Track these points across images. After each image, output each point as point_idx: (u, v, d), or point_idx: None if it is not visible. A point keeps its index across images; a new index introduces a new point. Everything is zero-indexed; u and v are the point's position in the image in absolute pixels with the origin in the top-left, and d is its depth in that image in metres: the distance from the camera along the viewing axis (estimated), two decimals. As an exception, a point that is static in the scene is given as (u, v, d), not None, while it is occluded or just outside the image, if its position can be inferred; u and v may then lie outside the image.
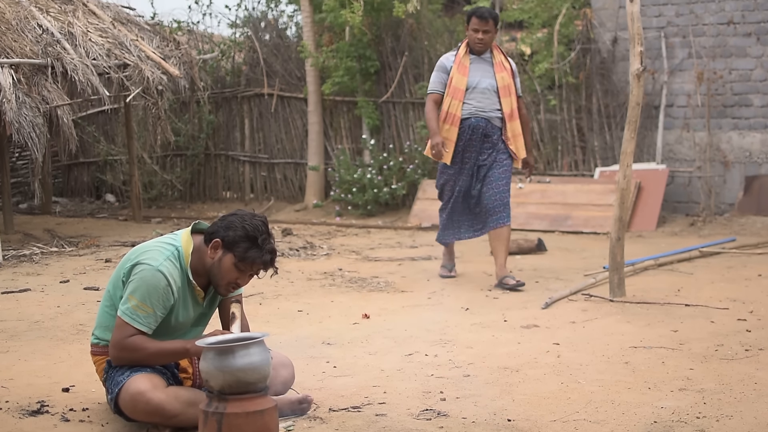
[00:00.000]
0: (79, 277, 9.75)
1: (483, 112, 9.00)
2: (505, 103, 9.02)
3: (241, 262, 4.77)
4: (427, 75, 15.20)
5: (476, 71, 9.03)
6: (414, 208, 14.29)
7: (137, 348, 4.75)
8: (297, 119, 16.29)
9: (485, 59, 9.10)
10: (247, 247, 4.76)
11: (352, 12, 14.25)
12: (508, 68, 9.11)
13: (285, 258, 10.81)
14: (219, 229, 4.82)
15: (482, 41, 8.98)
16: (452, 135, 9.00)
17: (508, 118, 9.02)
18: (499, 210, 8.94)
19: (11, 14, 11.95)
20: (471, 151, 9.06)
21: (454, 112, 8.98)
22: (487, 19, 8.95)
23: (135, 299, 4.72)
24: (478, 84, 8.99)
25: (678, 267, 9.86)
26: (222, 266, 4.80)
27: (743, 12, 13.29)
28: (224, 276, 4.81)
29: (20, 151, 16.53)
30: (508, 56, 9.31)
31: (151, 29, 13.78)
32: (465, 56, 9.07)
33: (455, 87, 9.00)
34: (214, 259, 4.82)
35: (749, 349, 6.35)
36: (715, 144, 13.51)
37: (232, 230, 4.77)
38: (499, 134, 9.04)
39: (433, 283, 9.24)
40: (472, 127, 8.99)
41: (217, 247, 4.80)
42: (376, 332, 7.09)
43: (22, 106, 11.06)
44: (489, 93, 9.01)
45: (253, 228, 4.77)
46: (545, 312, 7.76)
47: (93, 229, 13.53)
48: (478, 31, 8.97)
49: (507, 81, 9.04)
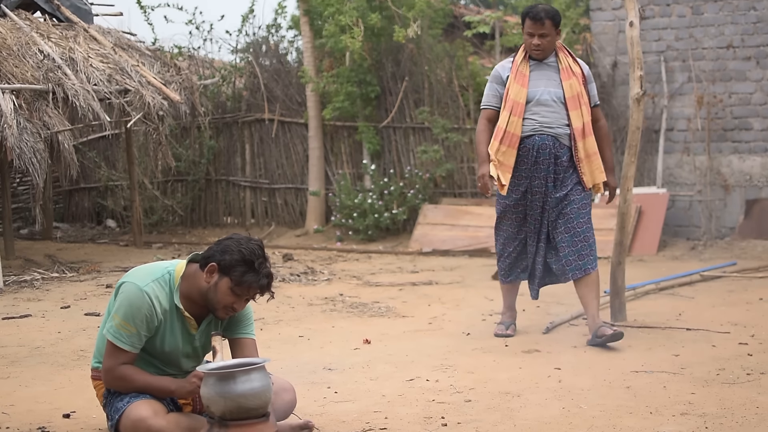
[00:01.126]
0: (80, 302, 9.74)
1: (549, 128, 7.42)
2: (575, 116, 7.43)
3: (237, 287, 4.73)
4: (428, 100, 15.27)
5: (538, 80, 7.49)
6: (415, 233, 14.28)
7: (124, 378, 4.75)
8: (298, 144, 16.30)
9: (549, 64, 7.55)
10: (244, 271, 4.72)
11: (352, 37, 14.29)
12: (579, 73, 7.52)
13: (286, 283, 10.81)
14: (215, 253, 4.79)
15: (539, 47, 7.44)
16: (509, 159, 7.44)
17: (579, 134, 7.43)
18: (584, 254, 7.42)
19: (12, 40, 11.97)
20: (538, 177, 7.46)
21: (512, 131, 7.42)
22: (543, 21, 7.40)
23: (118, 318, 4.72)
24: (542, 95, 7.44)
25: (679, 291, 9.85)
26: (218, 290, 4.76)
27: (742, 36, 13.33)
28: (220, 300, 4.78)
29: (21, 177, 16.53)
30: (577, 58, 7.68)
31: (152, 55, 13.80)
32: (524, 62, 7.55)
33: (513, 100, 7.45)
34: (210, 283, 4.78)
35: (751, 373, 6.34)
36: (715, 168, 13.52)
37: (228, 254, 4.74)
38: (569, 155, 7.46)
39: (433, 308, 9.23)
40: (537, 147, 7.41)
41: (213, 271, 4.77)
42: (377, 357, 7.08)
43: (23, 131, 11.07)
44: (555, 105, 7.45)
45: (250, 252, 4.74)
46: (546, 337, 7.75)
47: (94, 255, 13.52)
48: (533, 35, 7.43)
49: (577, 89, 7.45)
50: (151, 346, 4.82)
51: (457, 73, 15.36)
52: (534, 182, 7.45)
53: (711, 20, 13.49)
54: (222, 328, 4.96)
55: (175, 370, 4.94)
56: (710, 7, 13.47)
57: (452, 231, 14.00)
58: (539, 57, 7.50)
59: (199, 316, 4.89)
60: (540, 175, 7.43)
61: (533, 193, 7.48)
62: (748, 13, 13.27)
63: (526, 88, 7.42)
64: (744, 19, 13.30)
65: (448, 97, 15.34)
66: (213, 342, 4.84)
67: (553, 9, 7.51)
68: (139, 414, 4.69)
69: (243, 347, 4.97)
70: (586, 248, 7.41)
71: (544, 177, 7.43)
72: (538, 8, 7.45)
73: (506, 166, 7.42)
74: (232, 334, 4.98)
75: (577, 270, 7.41)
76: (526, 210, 7.60)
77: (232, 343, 5.02)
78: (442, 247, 13.62)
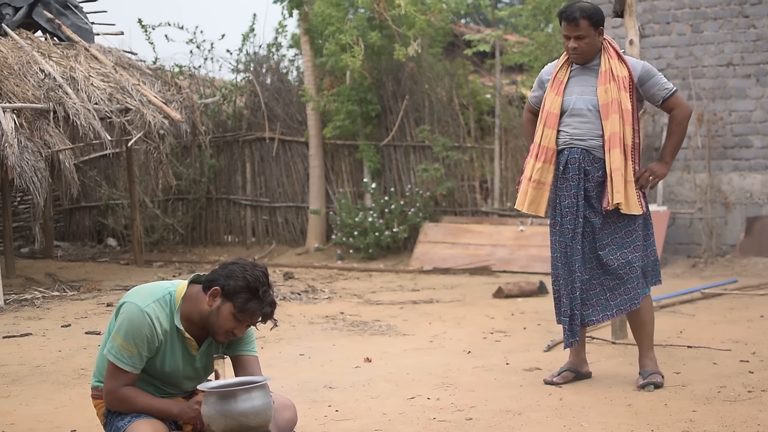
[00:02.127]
0: (81, 321, 9.73)
1: (580, 140, 6.61)
2: (607, 125, 6.51)
3: (240, 313, 4.67)
4: (428, 118, 15.32)
5: (575, 87, 6.69)
6: (415, 252, 14.28)
7: (126, 400, 4.72)
8: (298, 163, 16.33)
9: (591, 68, 6.69)
10: (248, 298, 4.66)
11: (353, 56, 14.33)
12: (623, 76, 6.56)
13: (287, 302, 10.81)
14: (219, 277, 4.73)
15: (576, 50, 6.60)
16: (547, 176, 6.69)
17: (606, 146, 6.52)
18: (631, 286, 6.57)
19: (14, 59, 12.00)
20: (568, 196, 6.63)
21: (546, 145, 6.68)
22: (578, 21, 6.54)
23: (119, 338, 4.69)
24: (575, 103, 6.64)
25: (680, 309, 9.84)
26: (220, 315, 4.70)
27: (742, 54, 13.35)
28: (222, 325, 4.71)
29: (22, 196, 16.55)
30: (625, 56, 6.71)
31: (152, 74, 13.83)
32: (563, 68, 6.76)
33: (548, 111, 6.71)
34: (212, 306, 4.71)
35: (752, 391, 6.33)
36: (715, 185, 13.53)
37: (233, 280, 4.68)
38: (604, 170, 6.57)
39: (434, 327, 9.22)
40: (565, 162, 6.64)
41: (216, 295, 4.70)
42: (377, 376, 7.07)
43: (24, 150, 11.09)
44: (590, 114, 6.59)
45: (254, 279, 4.68)
46: (547, 355, 7.74)
47: (94, 274, 13.52)
48: (569, 38, 6.60)
49: (613, 95, 6.51)
50: (152, 366, 4.80)
51: (457, 91, 15.40)
52: (564, 202, 6.64)
53: (711, 38, 13.52)
54: (223, 348, 4.95)
55: (176, 391, 4.93)
56: (710, 25, 13.51)
57: (453, 249, 14.01)
58: (579, 61, 6.67)
59: (200, 338, 4.86)
60: (570, 193, 6.61)
61: (563, 215, 6.65)
62: (748, 31, 13.29)
63: (561, 96, 6.67)
64: (744, 37, 13.33)
65: (448, 115, 15.37)
66: (216, 366, 4.82)
67: (591, 7, 6.65)
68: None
69: (245, 365, 4.95)
70: (632, 279, 6.55)
71: (575, 195, 6.60)
72: (573, 7, 6.62)
73: (544, 183, 6.69)
74: (233, 351, 4.96)
75: (629, 302, 6.60)
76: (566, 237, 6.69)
77: (234, 360, 4.99)
78: (443, 266, 13.62)
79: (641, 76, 6.61)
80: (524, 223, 14.07)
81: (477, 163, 15.34)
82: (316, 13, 15.11)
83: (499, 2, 27.64)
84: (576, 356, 6.88)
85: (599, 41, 6.63)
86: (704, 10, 13.53)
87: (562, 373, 6.81)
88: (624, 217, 6.56)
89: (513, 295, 10.90)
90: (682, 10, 13.67)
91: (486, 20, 19.28)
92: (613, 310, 6.62)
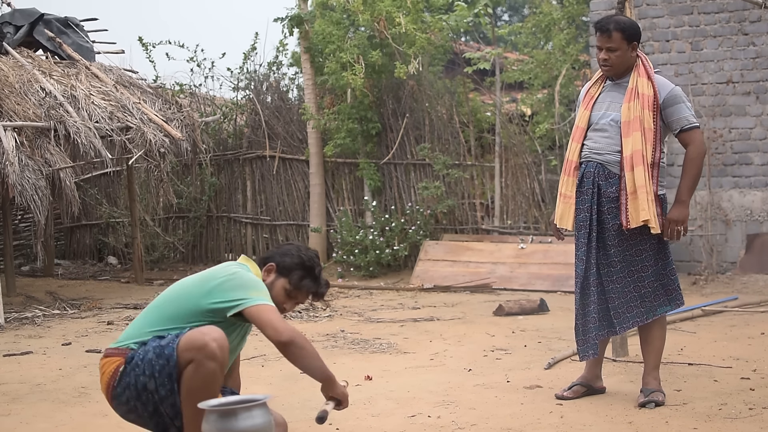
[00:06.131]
0: (81, 339, 9.73)
1: (598, 154, 6.58)
2: (627, 143, 6.44)
3: (294, 290, 4.93)
4: (429, 136, 15.34)
5: (604, 102, 6.66)
6: (416, 269, 14.28)
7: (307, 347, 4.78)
8: (299, 181, 16.34)
9: (622, 84, 6.64)
10: (302, 275, 4.93)
11: (353, 74, 14.35)
12: (647, 95, 6.48)
13: (287, 319, 10.81)
14: (274, 255, 5.00)
15: (606, 62, 6.56)
16: (570, 189, 6.68)
17: (628, 164, 6.43)
18: (647, 301, 6.57)
19: (15, 77, 12.04)
20: (582, 210, 6.61)
21: (570, 158, 6.70)
22: (610, 32, 6.50)
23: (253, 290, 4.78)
24: (600, 119, 6.61)
25: (680, 326, 9.84)
26: (273, 289, 4.92)
27: (742, 71, 13.37)
28: (274, 299, 4.88)
29: (23, 214, 16.57)
30: (654, 77, 6.57)
31: (153, 92, 13.87)
32: (596, 83, 6.79)
33: (576, 125, 6.74)
34: (266, 281, 4.92)
35: (753, 408, 6.32)
36: (716, 202, 13.54)
37: (288, 257, 4.95)
38: (618, 187, 6.53)
39: (435, 344, 9.21)
40: (581, 176, 6.63)
41: (271, 271, 4.96)
42: (378, 394, 7.06)
43: (24, 168, 11.11)
44: (611, 130, 6.55)
45: (309, 258, 4.96)
46: (548, 372, 7.73)
47: (95, 292, 13.52)
48: (601, 48, 6.57)
49: (636, 113, 6.43)
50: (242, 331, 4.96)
51: (457, 109, 15.43)
52: (579, 215, 6.62)
53: (710, 56, 13.54)
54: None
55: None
56: (709, 42, 13.53)
57: (453, 267, 14.01)
58: (608, 73, 6.64)
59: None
60: (584, 207, 6.59)
61: (578, 228, 6.62)
62: (747, 48, 13.32)
63: (590, 111, 6.66)
64: (743, 55, 13.35)
65: (448, 133, 15.40)
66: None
67: (627, 20, 6.66)
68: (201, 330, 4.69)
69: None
70: (637, 299, 6.54)
71: (588, 209, 6.57)
72: (608, 18, 6.64)
73: (570, 197, 6.66)
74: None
75: (632, 319, 6.58)
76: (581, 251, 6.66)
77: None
78: (444, 283, 13.62)
79: (666, 99, 6.50)
80: (525, 241, 14.08)
81: (477, 180, 15.35)
82: (317, 32, 15.15)
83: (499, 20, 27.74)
84: (589, 371, 6.86)
85: (632, 57, 6.57)
86: (704, 27, 13.57)
87: (572, 388, 6.80)
88: (636, 236, 6.52)
89: (514, 313, 10.89)
90: (681, 27, 13.71)
91: (486, 38, 19.32)
92: (630, 322, 6.58)
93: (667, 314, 6.80)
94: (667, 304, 6.66)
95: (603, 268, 6.58)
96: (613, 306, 6.58)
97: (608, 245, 6.55)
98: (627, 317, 6.57)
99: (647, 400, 6.43)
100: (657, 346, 6.66)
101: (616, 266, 6.54)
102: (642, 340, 6.72)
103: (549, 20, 15.26)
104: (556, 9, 15.72)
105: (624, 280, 6.54)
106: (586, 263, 6.58)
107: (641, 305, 6.54)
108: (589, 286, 6.58)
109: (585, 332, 6.65)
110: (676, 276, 6.75)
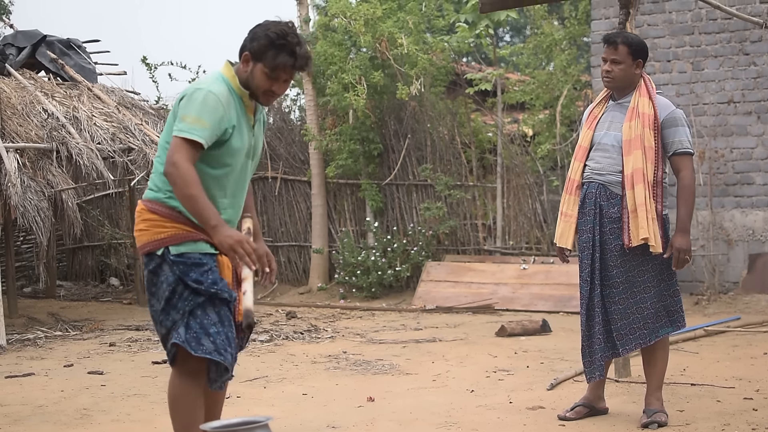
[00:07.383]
0: (83, 361, 9.72)
1: (599, 174, 6.59)
2: (628, 162, 6.46)
3: (273, 70, 4.82)
4: (430, 157, 15.35)
5: (606, 122, 6.67)
6: (418, 290, 14.27)
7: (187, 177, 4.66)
8: (301, 202, 16.36)
9: (623, 104, 6.64)
10: (275, 53, 4.80)
11: (355, 95, 14.38)
12: (647, 114, 6.50)
13: (289, 341, 10.80)
14: (246, 43, 4.89)
15: (609, 74, 6.54)
16: (572, 208, 6.69)
17: (629, 182, 6.47)
18: (650, 322, 6.56)
19: (17, 99, 12.06)
20: (585, 231, 6.62)
21: (572, 177, 6.71)
22: (617, 45, 6.51)
23: (190, 116, 4.73)
24: (602, 138, 6.62)
25: (683, 346, 9.82)
26: (255, 77, 4.85)
27: (743, 91, 13.39)
28: (259, 86, 4.87)
29: (25, 235, 16.59)
30: (655, 98, 6.58)
31: (155, 113, 13.88)
32: (600, 103, 6.79)
33: (579, 145, 6.75)
34: (247, 72, 4.87)
35: (756, 429, 6.31)
36: (718, 222, 13.53)
37: (257, 41, 4.83)
38: (620, 207, 6.55)
39: (437, 366, 9.20)
40: (584, 196, 6.65)
41: (248, 60, 4.86)
42: (380, 415, 7.05)
43: (27, 190, 11.12)
44: (612, 150, 6.56)
45: (278, 34, 4.81)
46: (551, 393, 7.72)
47: (97, 313, 13.52)
48: (606, 60, 6.56)
49: (637, 131, 6.46)
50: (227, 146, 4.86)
51: (459, 130, 15.45)
52: (582, 236, 6.63)
53: (711, 76, 13.56)
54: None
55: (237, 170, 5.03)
56: (710, 62, 13.56)
57: (455, 288, 14.00)
58: (609, 86, 6.64)
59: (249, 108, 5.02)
60: (587, 228, 6.59)
61: (581, 249, 6.63)
62: (749, 68, 13.34)
63: (593, 131, 6.66)
64: (744, 75, 13.37)
65: (450, 154, 15.41)
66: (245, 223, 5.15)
67: (635, 37, 6.68)
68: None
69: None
70: (639, 320, 6.52)
71: (590, 230, 6.57)
72: (617, 32, 6.74)
73: (570, 216, 6.67)
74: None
75: (635, 341, 6.56)
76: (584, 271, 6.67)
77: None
78: (446, 304, 13.61)
79: (665, 120, 6.53)
80: (527, 262, 14.07)
81: (479, 201, 15.36)
82: (319, 53, 15.18)
83: (501, 41, 27.81)
84: (592, 392, 6.82)
85: (635, 74, 6.58)
86: (705, 47, 13.59)
87: (575, 409, 6.77)
88: (638, 257, 6.52)
89: (516, 334, 10.88)
90: (682, 48, 13.73)
91: (487, 59, 19.38)
92: (632, 344, 6.55)
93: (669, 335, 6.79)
94: (669, 326, 6.65)
95: (605, 289, 6.57)
96: (615, 327, 6.55)
97: (610, 266, 6.53)
98: (629, 339, 6.54)
99: (650, 420, 6.40)
100: (660, 367, 6.63)
101: (618, 287, 6.53)
102: (644, 361, 6.69)
103: (550, 41, 15.29)
104: (558, 30, 15.76)
105: (626, 301, 6.52)
106: (590, 284, 6.57)
107: (644, 327, 6.52)
108: (594, 308, 6.57)
109: (591, 353, 6.64)
110: (680, 297, 6.75)
